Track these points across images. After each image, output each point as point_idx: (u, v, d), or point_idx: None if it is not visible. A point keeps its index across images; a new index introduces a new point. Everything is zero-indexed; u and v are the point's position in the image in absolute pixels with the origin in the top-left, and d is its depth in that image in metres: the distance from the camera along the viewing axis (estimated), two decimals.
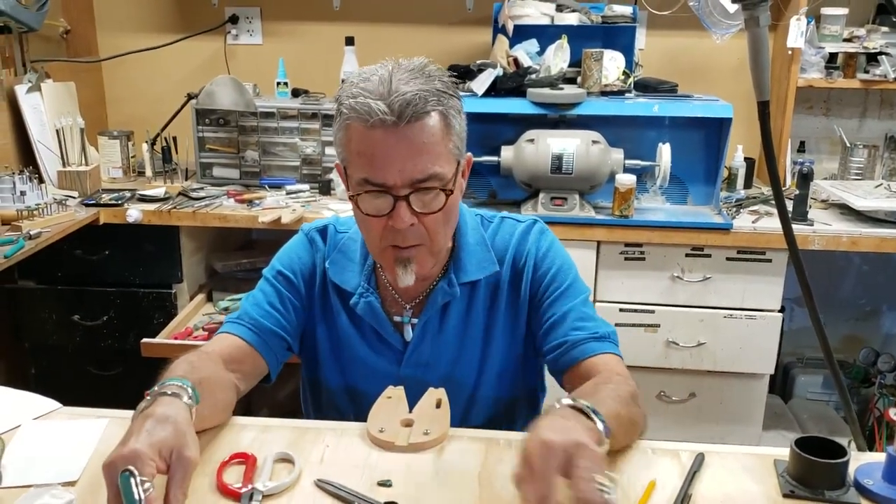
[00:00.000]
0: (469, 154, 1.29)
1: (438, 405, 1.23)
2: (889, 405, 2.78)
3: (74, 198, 2.58)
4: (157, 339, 2.32)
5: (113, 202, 2.55)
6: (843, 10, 2.82)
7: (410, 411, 1.21)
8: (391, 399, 1.25)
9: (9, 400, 1.25)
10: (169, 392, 1.03)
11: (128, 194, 2.64)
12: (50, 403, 1.23)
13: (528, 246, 1.38)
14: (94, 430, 1.16)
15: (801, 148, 3.01)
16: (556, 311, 1.33)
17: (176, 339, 2.36)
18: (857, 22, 2.91)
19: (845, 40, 2.84)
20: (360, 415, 1.28)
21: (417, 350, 1.37)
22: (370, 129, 1.15)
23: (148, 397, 1.03)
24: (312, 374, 1.47)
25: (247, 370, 1.33)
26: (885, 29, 2.82)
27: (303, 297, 1.42)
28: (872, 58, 2.84)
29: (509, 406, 1.43)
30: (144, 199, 2.61)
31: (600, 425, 0.95)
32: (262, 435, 1.18)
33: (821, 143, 3.10)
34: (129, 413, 1.20)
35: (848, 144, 2.92)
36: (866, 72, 2.84)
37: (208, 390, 1.12)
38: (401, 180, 1.17)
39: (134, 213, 2.50)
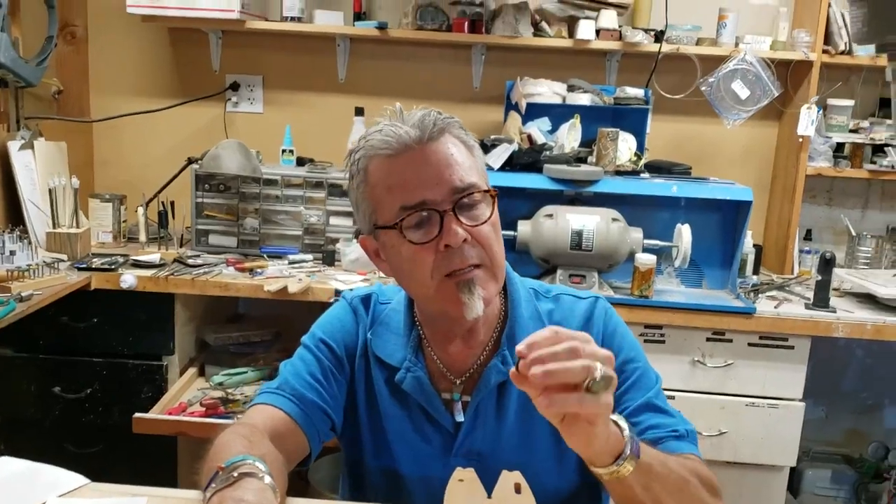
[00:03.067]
0: (494, 188, 1.19)
1: (518, 490, 1.09)
2: None
3: (64, 261, 2.42)
4: (151, 415, 2.14)
5: (106, 267, 2.40)
6: (850, 102, 2.86)
7: (489, 496, 1.08)
8: (464, 483, 1.11)
9: (29, 473, 1.09)
10: (256, 474, 0.90)
11: (120, 259, 2.49)
12: (76, 479, 1.08)
13: (595, 324, 1.27)
14: None
15: (808, 236, 3.00)
16: (630, 403, 1.21)
17: (170, 414, 2.18)
18: (862, 114, 2.95)
19: (851, 131, 2.87)
20: (403, 502, 1.15)
21: (470, 436, 1.23)
22: (395, 159, 1.11)
23: (222, 474, 0.89)
24: (353, 455, 1.32)
25: (289, 448, 1.18)
26: (889, 122, 2.86)
27: (346, 370, 1.28)
28: (878, 149, 2.86)
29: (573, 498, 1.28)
30: (138, 265, 2.46)
31: (628, 443, 0.96)
32: None
33: (824, 233, 3.10)
34: (166, 492, 1.07)
35: (854, 234, 2.92)
36: (873, 162, 2.86)
37: (272, 470, 0.98)
38: (440, 193, 1.10)
39: (129, 278, 2.35)
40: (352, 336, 1.30)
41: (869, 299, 2.55)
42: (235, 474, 0.89)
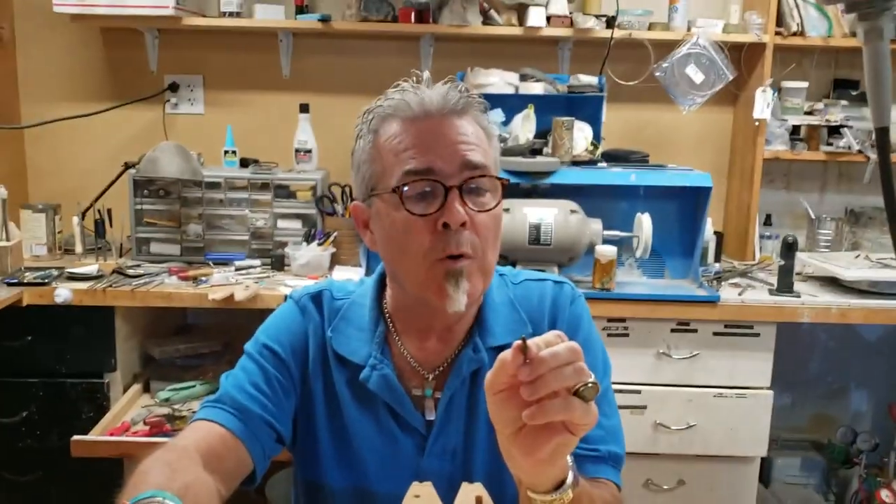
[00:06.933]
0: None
1: (480, 503, 1.00)
2: (877, 486, 2.66)
3: None
4: (90, 437, 2.00)
5: (39, 281, 2.26)
6: (804, 84, 2.82)
7: None
8: (420, 499, 1.01)
9: None
10: None
11: (55, 272, 2.35)
12: None
13: (561, 305, 1.20)
14: None
15: (768, 221, 2.96)
16: None
17: (111, 435, 2.05)
18: (816, 96, 2.92)
19: (806, 113, 2.83)
20: None
21: (444, 433, 1.13)
22: (411, 123, 1.06)
23: None
24: (309, 471, 1.20)
25: (229, 468, 1.06)
26: (843, 103, 2.83)
27: (294, 377, 1.17)
28: (834, 130, 2.83)
29: None
30: (75, 278, 2.32)
31: (572, 469, 0.90)
32: None
33: (783, 218, 3.06)
34: None
35: (813, 217, 2.89)
36: (829, 144, 2.82)
37: (198, 502, 0.87)
38: (451, 166, 1.04)
39: (63, 292, 2.21)
40: (299, 337, 1.19)
41: (832, 283, 2.51)
42: None
